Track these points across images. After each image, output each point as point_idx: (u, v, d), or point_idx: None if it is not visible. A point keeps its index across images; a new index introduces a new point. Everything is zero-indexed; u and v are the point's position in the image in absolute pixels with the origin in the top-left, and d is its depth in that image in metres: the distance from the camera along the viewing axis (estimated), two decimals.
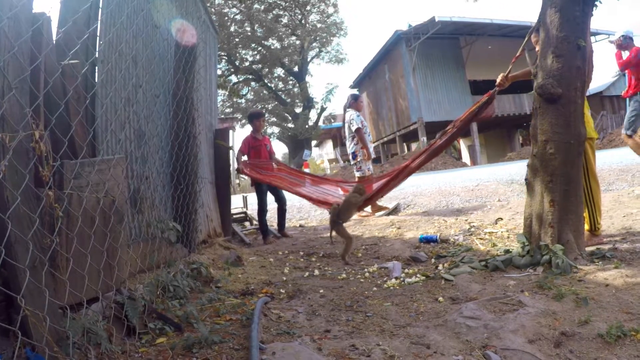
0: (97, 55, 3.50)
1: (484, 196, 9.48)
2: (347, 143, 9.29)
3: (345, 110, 9.39)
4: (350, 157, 9.17)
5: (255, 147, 8.03)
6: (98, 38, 3.53)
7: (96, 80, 3.48)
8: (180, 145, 4.82)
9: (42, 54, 2.58)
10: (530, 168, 4.60)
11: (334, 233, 5.82)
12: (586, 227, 4.87)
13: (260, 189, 7.96)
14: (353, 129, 9.01)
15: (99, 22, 3.53)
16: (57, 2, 3.31)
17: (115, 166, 3.00)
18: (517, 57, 5.22)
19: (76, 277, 2.49)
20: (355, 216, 9.07)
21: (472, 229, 6.68)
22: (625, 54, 8.89)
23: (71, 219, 2.54)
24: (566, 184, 4.33)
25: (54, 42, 3.05)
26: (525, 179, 4.69)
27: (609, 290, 3.37)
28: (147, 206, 4.13)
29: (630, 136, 8.86)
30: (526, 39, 5.12)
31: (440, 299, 3.67)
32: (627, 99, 9.12)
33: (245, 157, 7.93)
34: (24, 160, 2.21)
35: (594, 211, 4.95)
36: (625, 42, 8.92)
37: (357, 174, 9.02)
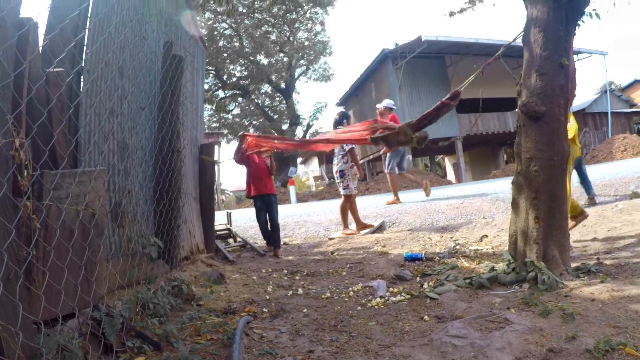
0: (83, 64, 3.44)
1: (469, 213, 9.48)
2: (335, 160, 9.25)
3: (335, 128, 9.38)
4: (337, 174, 9.11)
5: (253, 162, 8.11)
6: (85, 47, 3.47)
7: (81, 90, 3.42)
8: (164, 159, 4.75)
9: (27, 60, 2.53)
10: (514, 185, 4.64)
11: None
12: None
13: (255, 204, 8.10)
14: (347, 148, 8.95)
15: (86, 30, 3.48)
16: (46, 8, 3.25)
17: (96, 178, 2.92)
18: (489, 63, 5.27)
19: (52, 291, 2.41)
20: (339, 234, 9.04)
21: (457, 247, 6.67)
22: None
23: (49, 231, 2.46)
24: (550, 200, 4.37)
25: (40, 48, 2.99)
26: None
27: (595, 304, 3.36)
28: (128, 220, 4.05)
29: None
30: (501, 50, 5.15)
31: (426, 317, 3.62)
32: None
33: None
34: (3, 168, 2.15)
35: None
36: (385, 111, 11.14)
37: (343, 192, 8.97)
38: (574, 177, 7.98)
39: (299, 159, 43.55)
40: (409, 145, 5.71)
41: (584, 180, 8.55)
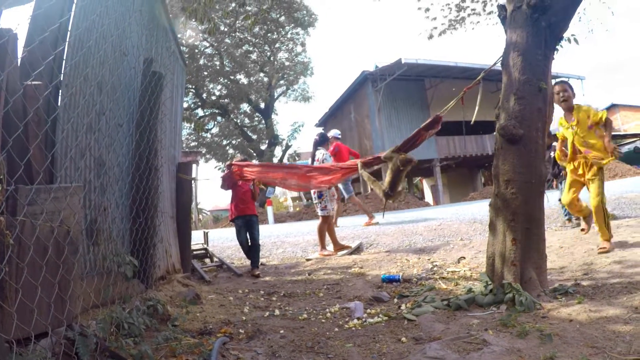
0: (61, 78, 3.39)
1: (447, 235, 9.51)
2: None
3: (315, 148, 9.40)
4: (316, 195, 9.10)
5: (237, 186, 8.27)
6: (64, 60, 3.43)
7: (58, 104, 3.37)
8: (141, 177, 4.69)
9: (5, 72, 2.48)
10: (492, 207, 4.68)
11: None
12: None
13: (236, 224, 8.24)
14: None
15: (66, 44, 3.44)
16: (26, 20, 3.21)
17: (72, 195, 2.87)
18: (470, 87, 5.38)
19: (25, 309, 2.34)
20: (316, 255, 9.01)
21: (435, 268, 6.69)
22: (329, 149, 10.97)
23: (22, 247, 2.40)
24: (528, 222, 4.43)
25: (19, 60, 2.95)
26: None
27: (573, 325, 3.39)
28: (104, 238, 3.98)
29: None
30: (481, 75, 5.22)
31: (403, 339, 3.61)
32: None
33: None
34: None
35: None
36: (331, 140, 11.39)
37: (321, 213, 8.95)
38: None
39: None
40: (400, 175, 5.79)
41: None
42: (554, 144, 9.02)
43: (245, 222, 8.18)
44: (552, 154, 8.86)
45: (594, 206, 5.96)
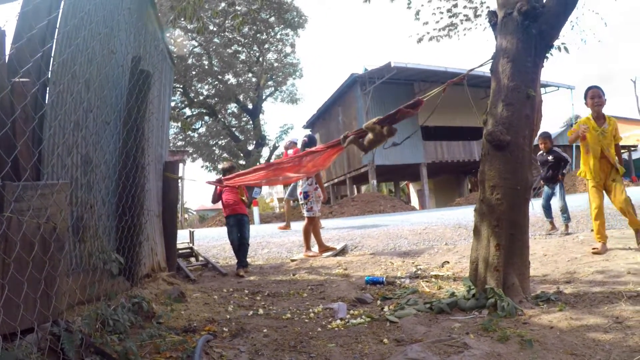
0: (49, 76, 3.40)
1: (432, 239, 9.58)
2: (300, 182, 9.29)
3: (302, 149, 9.44)
4: (302, 196, 9.15)
5: (225, 191, 8.42)
6: (52, 58, 3.44)
7: (46, 101, 3.37)
8: (128, 175, 4.70)
9: None
10: (477, 212, 4.69)
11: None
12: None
13: (228, 222, 8.43)
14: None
15: (54, 41, 3.45)
16: (14, 17, 3.22)
17: (59, 192, 2.88)
18: (454, 81, 5.46)
19: (11, 305, 2.36)
20: (301, 256, 9.04)
21: (419, 272, 6.73)
22: (290, 153, 11.47)
23: (9, 243, 2.41)
24: (512, 228, 4.44)
25: (7, 57, 2.95)
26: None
27: (553, 332, 3.43)
28: (90, 235, 3.99)
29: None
30: (467, 72, 5.29)
31: (385, 340, 3.63)
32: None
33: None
34: None
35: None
36: (289, 145, 12.23)
37: (307, 214, 8.98)
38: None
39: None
40: (381, 139, 5.81)
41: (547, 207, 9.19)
42: (555, 148, 9.23)
43: (237, 221, 8.33)
44: (550, 157, 8.99)
45: (624, 199, 6.33)
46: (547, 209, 9.07)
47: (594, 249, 6.42)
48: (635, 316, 3.57)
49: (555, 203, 9.13)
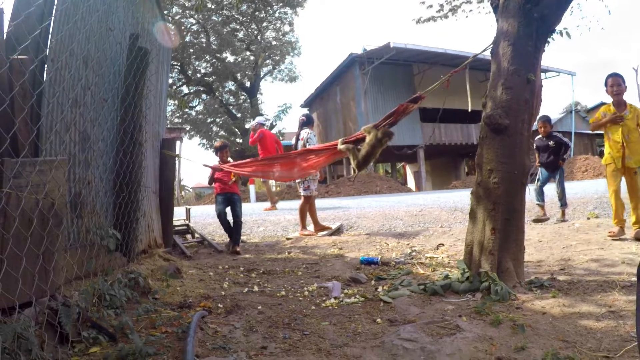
0: (47, 53, 3.41)
1: (427, 222, 9.64)
2: None
3: (300, 128, 9.49)
4: None
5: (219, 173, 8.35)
6: (50, 35, 3.44)
7: (44, 79, 3.38)
8: (125, 152, 4.72)
9: None
10: (474, 196, 4.71)
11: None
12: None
13: (217, 199, 8.39)
14: (308, 145, 8.96)
15: (52, 18, 3.44)
16: None
17: (57, 168, 2.91)
18: (456, 71, 5.45)
19: (10, 279, 2.40)
20: (297, 235, 9.09)
21: (414, 253, 6.78)
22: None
23: (8, 219, 2.45)
24: (508, 213, 4.45)
25: (5, 34, 2.96)
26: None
27: (545, 318, 3.47)
28: (88, 211, 4.02)
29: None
30: (468, 60, 5.28)
31: (379, 320, 3.69)
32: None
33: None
34: None
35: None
36: (256, 126, 12.93)
37: (304, 193, 9.01)
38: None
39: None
40: (377, 147, 5.83)
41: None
42: (556, 133, 9.20)
43: (227, 198, 8.30)
44: (551, 142, 8.96)
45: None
46: (540, 192, 9.00)
47: (610, 232, 6.48)
48: (628, 306, 3.62)
49: (552, 189, 9.12)
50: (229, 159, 8.64)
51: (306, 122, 9.49)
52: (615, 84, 6.47)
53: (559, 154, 8.95)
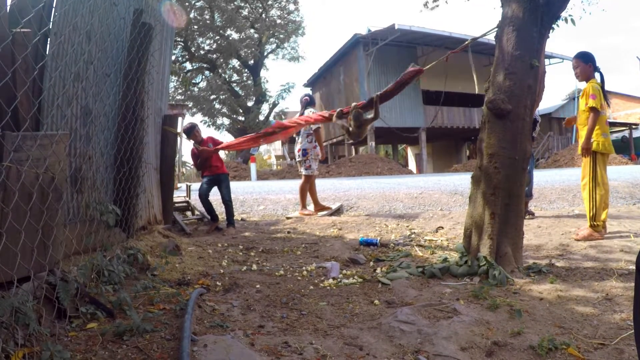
0: (50, 27, 3.39)
1: (427, 204, 9.65)
2: (299, 139, 9.33)
3: (304, 107, 9.43)
4: (300, 153, 9.18)
5: (201, 153, 8.39)
6: (53, 9, 3.42)
7: (47, 52, 3.37)
8: (127, 128, 4.70)
9: None
10: (474, 180, 4.71)
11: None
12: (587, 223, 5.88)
13: (203, 179, 8.44)
14: (313, 128, 9.04)
15: None
16: None
17: (58, 142, 2.90)
18: (458, 50, 5.43)
19: (8, 253, 2.40)
20: (297, 214, 9.11)
21: (413, 235, 6.80)
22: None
23: (7, 193, 2.44)
24: (508, 198, 4.46)
25: (8, 7, 2.94)
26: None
27: (542, 304, 3.49)
28: (88, 186, 4.02)
29: None
30: (469, 41, 5.27)
31: (376, 302, 3.71)
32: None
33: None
34: None
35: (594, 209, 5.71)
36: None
37: (305, 172, 9.02)
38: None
39: None
40: (360, 124, 5.91)
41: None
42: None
43: (213, 179, 8.36)
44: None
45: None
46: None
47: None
48: (625, 293, 3.63)
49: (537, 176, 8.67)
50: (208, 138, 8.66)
51: (310, 102, 9.47)
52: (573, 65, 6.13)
53: None
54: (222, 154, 8.41)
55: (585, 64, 5.97)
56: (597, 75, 5.98)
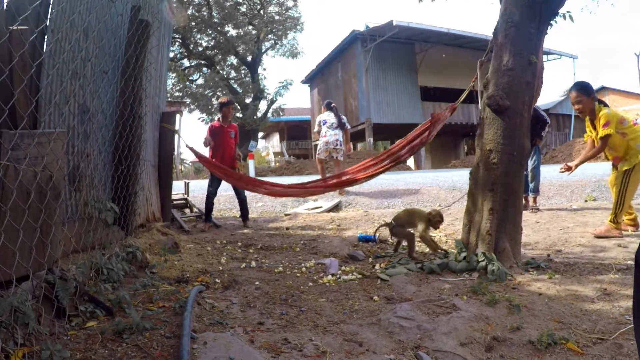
0: (47, 24, 3.37)
1: (426, 200, 9.65)
2: (334, 132, 10.49)
3: (330, 108, 10.80)
4: (338, 142, 10.37)
5: (219, 133, 8.17)
6: (51, 6, 3.41)
7: (44, 50, 3.35)
8: (125, 125, 4.69)
9: None
10: (472, 176, 4.72)
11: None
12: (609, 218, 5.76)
13: (212, 176, 8.14)
14: (348, 127, 10.71)
15: None
16: None
17: (55, 140, 2.89)
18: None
19: (7, 252, 2.40)
20: (295, 210, 9.10)
21: None
22: None
23: (5, 191, 2.44)
24: (506, 194, 4.46)
25: (5, 5, 2.93)
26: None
27: (541, 299, 3.49)
28: (86, 184, 4.01)
29: None
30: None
31: (375, 298, 3.71)
32: None
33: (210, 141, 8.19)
34: None
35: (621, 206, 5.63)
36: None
37: (341, 158, 10.35)
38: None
39: (260, 134, 43.28)
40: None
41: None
42: (535, 106, 8.72)
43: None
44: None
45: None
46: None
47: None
48: (623, 289, 3.64)
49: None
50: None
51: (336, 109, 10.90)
52: (572, 98, 6.04)
53: (534, 130, 7.08)
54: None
55: (588, 97, 5.88)
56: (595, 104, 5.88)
